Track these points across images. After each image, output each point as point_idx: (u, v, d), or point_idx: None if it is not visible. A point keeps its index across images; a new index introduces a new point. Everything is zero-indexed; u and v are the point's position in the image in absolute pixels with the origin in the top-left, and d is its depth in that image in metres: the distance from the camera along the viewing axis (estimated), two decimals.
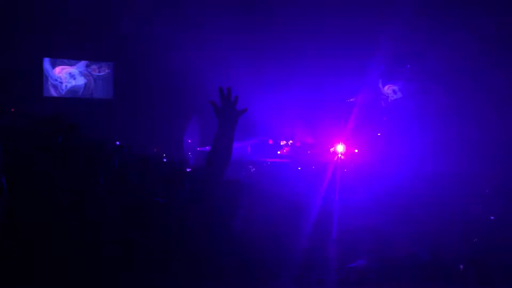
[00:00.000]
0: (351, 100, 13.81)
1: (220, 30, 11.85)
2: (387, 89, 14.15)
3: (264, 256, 2.36)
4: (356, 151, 12.91)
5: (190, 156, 11.94)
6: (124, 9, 11.74)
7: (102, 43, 12.46)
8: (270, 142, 13.58)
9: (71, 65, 12.90)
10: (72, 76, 12.91)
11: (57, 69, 12.80)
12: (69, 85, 12.91)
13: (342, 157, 12.58)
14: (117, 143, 6.86)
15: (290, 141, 13.53)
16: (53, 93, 12.88)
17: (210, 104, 2.56)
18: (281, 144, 13.51)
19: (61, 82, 12.82)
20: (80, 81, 12.99)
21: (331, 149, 12.99)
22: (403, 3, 11.22)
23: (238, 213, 2.84)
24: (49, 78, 12.75)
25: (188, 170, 5.09)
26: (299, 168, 11.03)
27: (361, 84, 13.38)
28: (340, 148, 12.79)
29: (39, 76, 12.63)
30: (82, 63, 12.94)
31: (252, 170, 10.58)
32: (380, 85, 14.13)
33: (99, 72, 13.08)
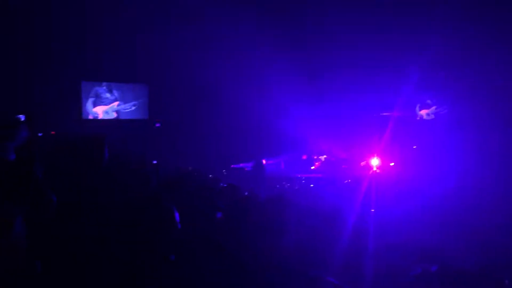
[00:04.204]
0: (385, 114, 13.65)
1: (254, 47, 12.00)
2: (422, 112, 13.99)
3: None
4: (392, 164, 12.70)
5: (224, 173, 12.02)
6: (157, 31, 12.05)
7: (137, 65, 12.81)
8: (304, 157, 13.53)
9: (106, 104, 13.34)
10: (106, 112, 13.34)
11: (97, 108, 13.33)
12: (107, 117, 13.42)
13: (378, 170, 12.41)
14: (154, 162, 7.00)
15: (324, 156, 13.45)
16: (91, 116, 13.31)
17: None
18: (315, 158, 13.45)
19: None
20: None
21: (365, 163, 12.84)
22: (436, 13, 11.11)
23: (283, 230, 2.83)
24: (89, 113, 13.22)
25: (222, 184, 5.13)
26: (334, 183, 10.92)
27: (395, 98, 13.22)
28: (375, 161, 12.64)
29: (77, 99, 13.06)
30: (115, 104, 13.41)
31: (286, 186, 10.55)
32: (417, 109, 14.00)
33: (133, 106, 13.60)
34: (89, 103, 13.12)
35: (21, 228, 1.17)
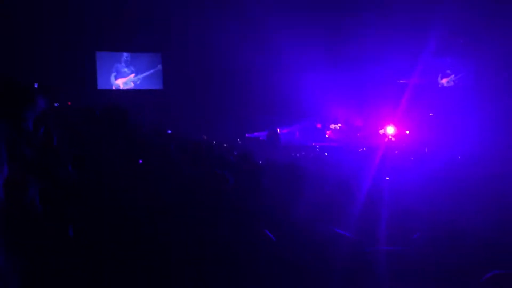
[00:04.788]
0: (402, 81, 13.43)
1: (268, 13, 11.76)
2: (443, 80, 13.70)
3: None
4: (408, 132, 12.59)
5: (239, 142, 12.07)
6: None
7: (150, 34, 12.77)
8: (319, 126, 13.48)
9: (125, 77, 13.58)
10: (125, 83, 13.64)
11: (118, 81, 13.60)
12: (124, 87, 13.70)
13: (393, 139, 12.33)
14: (169, 131, 7.04)
15: (339, 124, 13.37)
16: (107, 86, 13.41)
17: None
18: (330, 127, 13.38)
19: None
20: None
21: (381, 131, 12.74)
22: None
23: (297, 198, 2.86)
24: (113, 85, 13.48)
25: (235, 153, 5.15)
26: (348, 151, 10.89)
27: (413, 64, 12.94)
28: (390, 130, 12.53)
29: (93, 70, 13.14)
30: (132, 76, 13.63)
31: (301, 154, 10.56)
32: (439, 78, 13.71)
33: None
34: (112, 77, 13.47)
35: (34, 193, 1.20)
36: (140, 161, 2.57)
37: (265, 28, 12.12)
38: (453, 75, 13.60)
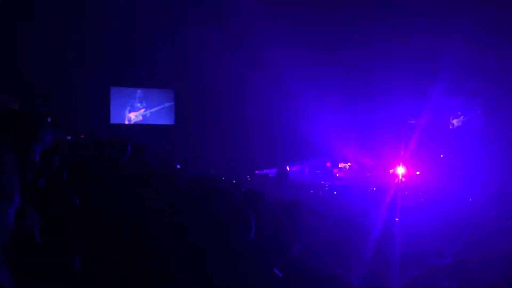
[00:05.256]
0: (412, 121, 13.44)
1: (279, 49, 11.95)
2: (454, 121, 13.72)
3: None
4: (418, 173, 12.49)
5: (249, 179, 12.05)
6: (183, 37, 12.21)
7: (164, 70, 13.04)
8: (328, 164, 13.45)
9: (138, 110, 13.84)
10: (136, 116, 13.89)
11: (130, 114, 13.87)
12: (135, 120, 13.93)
13: (403, 179, 12.23)
14: (178, 166, 7.08)
15: (349, 164, 13.33)
16: (120, 120, 13.64)
17: None
18: (340, 166, 13.34)
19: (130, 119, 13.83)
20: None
21: (391, 171, 12.66)
22: (464, 21, 10.89)
23: (298, 236, 2.83)
24: (126, 119, 13.73)
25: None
26: (358, 191, 10.82)
27: (422, 105, 12.99)
28: (400, 170, 12.45)
29: (107, 104, 13.39)
30: (142, 110, 13.89)
31: (310, 193, 10.50)
32: (450, 119, 13.74)
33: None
34: (126, 111, 13.79)
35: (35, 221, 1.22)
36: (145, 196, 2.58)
37: (278, 67, 12.31)
38: (462, 116, 13.60)
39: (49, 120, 1.61)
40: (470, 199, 8.38)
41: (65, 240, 1.37)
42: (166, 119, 14.05)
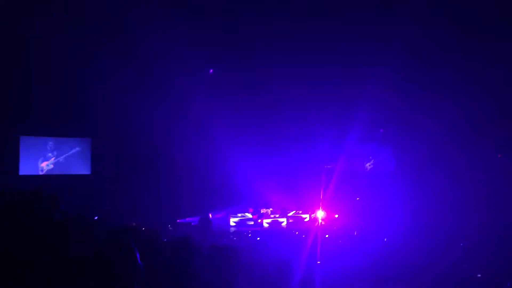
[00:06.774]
0: (329, 166, 14.03)
1: (197, 97, 11.99)
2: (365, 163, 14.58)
3: None
4: (336, 216, 12.94)
5: (170, 228, 11.73)
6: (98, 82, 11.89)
7: (79, 119, 12.54)
8: (251, 210, 13.51)
9: (48, 160, 13.14)
10: (47, 165, 13.16)
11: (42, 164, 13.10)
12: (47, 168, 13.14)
13: (323, 222, 12.58)
14: (95, 218, 6.75)
15: (270, 209, 13.49)
16: (30, 172, 12.79)
17: None
18: (262, 212, 13.46)
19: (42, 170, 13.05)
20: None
21: (312, 215, 13.01)
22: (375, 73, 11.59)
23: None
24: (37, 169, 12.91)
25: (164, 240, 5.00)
26: (280, 236, 10.95)
27: (339, 150, 13.67)
28: (320, 214, 12.82)
29: (15, 155, 12.56)
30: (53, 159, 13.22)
31: (234, 239, 10.44)
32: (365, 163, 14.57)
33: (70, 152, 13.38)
34: (39, 161, 13.01)
35: None
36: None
37: (197, 115, 12.35)
38: (373, 160, 14.51)
39: None
40: (385, 239, 8.79)
41: None
42: (81, 168, 13.40)
